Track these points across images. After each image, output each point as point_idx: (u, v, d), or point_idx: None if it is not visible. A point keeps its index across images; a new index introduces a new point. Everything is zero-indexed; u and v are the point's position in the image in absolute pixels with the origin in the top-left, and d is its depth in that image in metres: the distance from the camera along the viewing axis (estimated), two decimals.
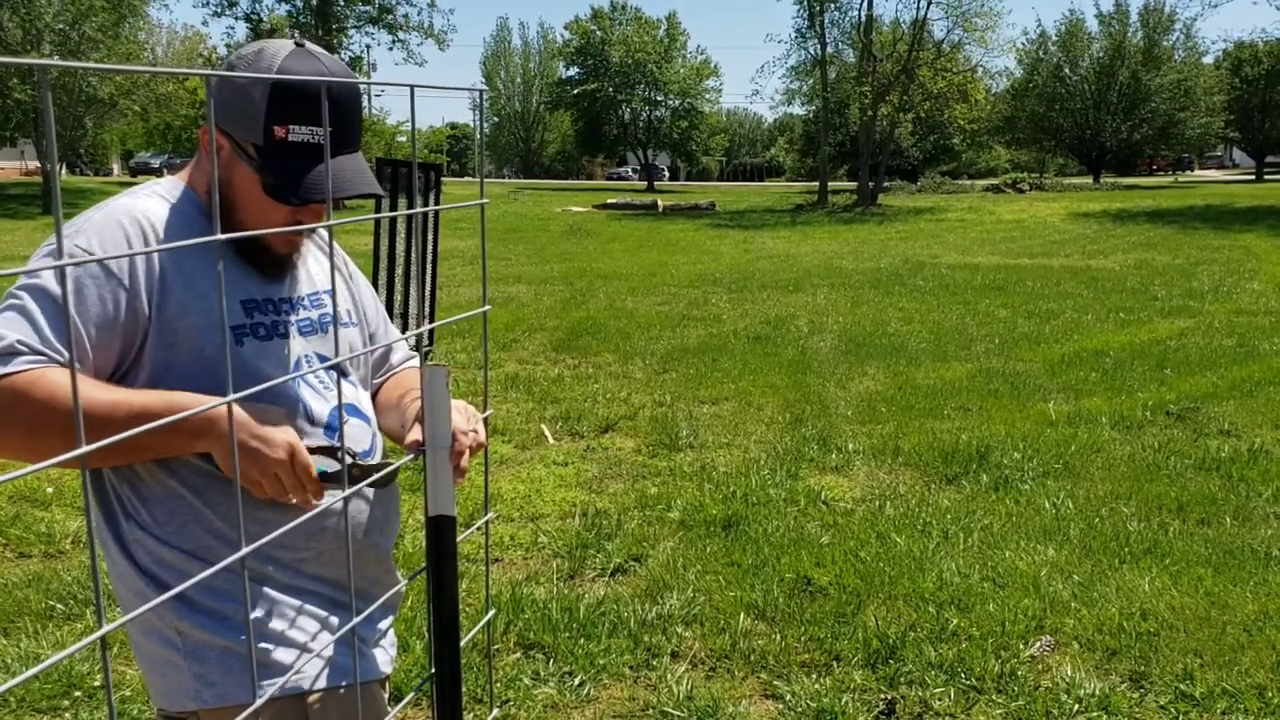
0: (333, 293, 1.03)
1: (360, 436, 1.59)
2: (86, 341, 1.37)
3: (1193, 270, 14.60)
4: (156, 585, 1.47)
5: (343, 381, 1.60)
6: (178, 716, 1.53)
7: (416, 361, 1.83)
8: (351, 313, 1.68)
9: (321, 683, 1.52)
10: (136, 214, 1.44)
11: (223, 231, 1.45)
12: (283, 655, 1.50)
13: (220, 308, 0.88)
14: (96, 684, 3.19)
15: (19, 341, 1.31)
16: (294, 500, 1.41)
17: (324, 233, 1.72)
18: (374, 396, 1.74)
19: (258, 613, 1.49)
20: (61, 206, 0.68)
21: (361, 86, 1.50)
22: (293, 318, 1.55)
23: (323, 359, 1.56)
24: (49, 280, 1.34)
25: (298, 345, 1.55)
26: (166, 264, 1.43)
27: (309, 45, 1.45)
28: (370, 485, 1.50)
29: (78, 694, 3.15)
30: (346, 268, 1.74)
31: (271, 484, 1.38)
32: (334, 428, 1.53)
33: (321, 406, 1.54)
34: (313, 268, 1.64)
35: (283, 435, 1.39)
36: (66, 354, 1.35)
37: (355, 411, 1.61)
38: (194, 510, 1.46)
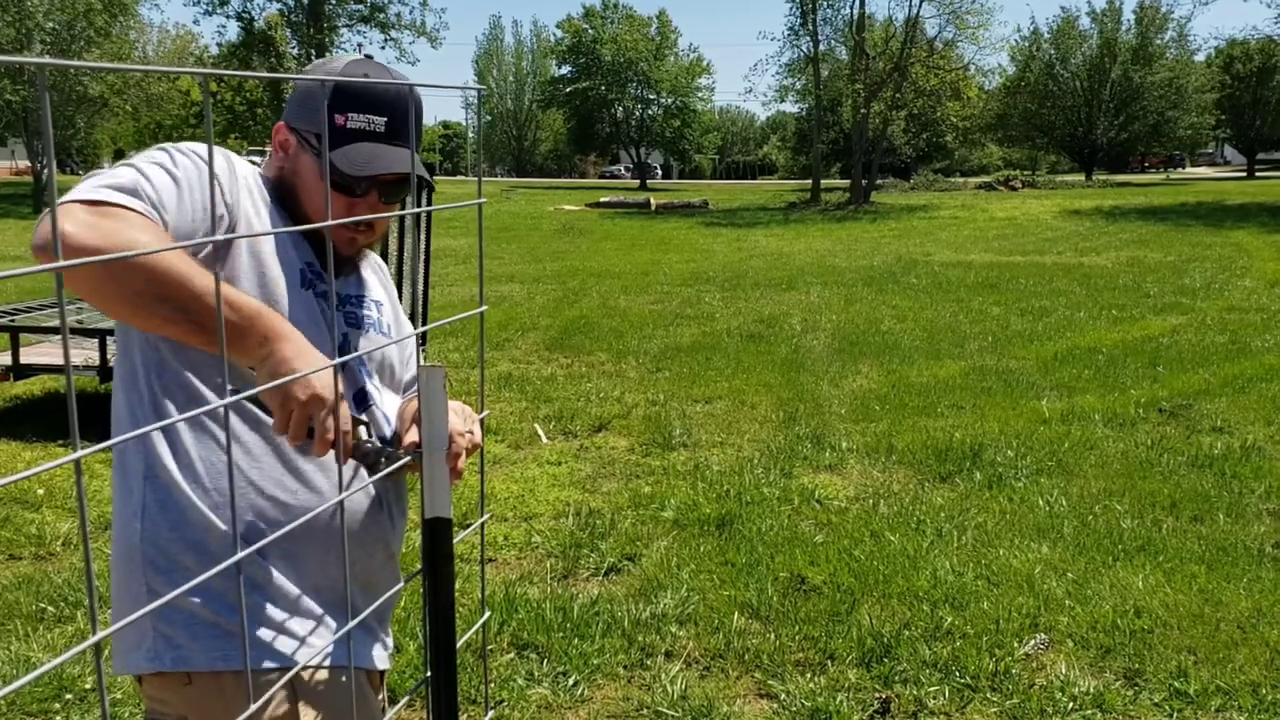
0: (330, 289, 1.02)
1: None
2: (176, 208, 1.40)
3: (1185, 267, 14.64)
4: (143, 527, 1.44)
5: (368, 381, 1.61)
6: (159, 702, 1.49)
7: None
8: (392, 327, 1.73)
9: (298, 661, 1.46)
10: (227, 151, 1.57)
11: (288, 221, 1.57)
12: (261, 632, 1.45)
13: (216, 301, 0.87)
14: (88, 686, 3.18)
15: (138, 185, 1.36)
16: (311, 447, 1.35)
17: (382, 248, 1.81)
18: None
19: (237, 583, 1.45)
20: (56, 205, 0.67)
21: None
22: (342, 308, 1.64)
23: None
24: (164, 159, 1.43)
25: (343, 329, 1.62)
26: (243, 205, 1.50)
27: (374, 59, 1.61)
28: (371, 469, 1.48)
29: (69, 697, 3.13)
30: (393, 292, 1.82)
31: (300, 418, 1.32)
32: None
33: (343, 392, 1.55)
34: (371, 275, 1.75)
35: (331, 381, 1.35)
36: (160, 216, 1.37)
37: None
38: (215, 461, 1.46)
